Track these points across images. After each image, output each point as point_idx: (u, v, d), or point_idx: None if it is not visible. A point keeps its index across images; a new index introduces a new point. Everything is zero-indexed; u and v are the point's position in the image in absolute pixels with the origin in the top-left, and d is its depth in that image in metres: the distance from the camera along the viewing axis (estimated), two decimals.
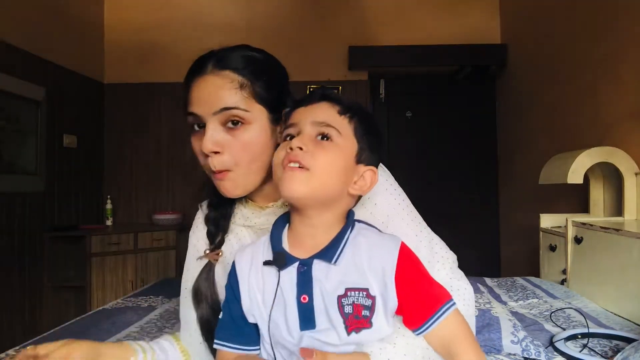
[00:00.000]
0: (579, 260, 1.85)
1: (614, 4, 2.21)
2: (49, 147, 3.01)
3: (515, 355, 1.17)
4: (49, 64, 3.04)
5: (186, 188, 3.69)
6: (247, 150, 0.79)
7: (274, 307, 0.69)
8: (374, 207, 0.85)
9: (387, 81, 3.86)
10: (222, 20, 3.70)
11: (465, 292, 0.85)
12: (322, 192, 0.68)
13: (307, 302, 0.68)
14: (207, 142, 0.77)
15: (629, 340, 1.22)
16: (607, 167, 2.01)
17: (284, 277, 0.69)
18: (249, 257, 0.74)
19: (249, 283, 0.72)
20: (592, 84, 2.39)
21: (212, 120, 0.78)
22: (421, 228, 0.88)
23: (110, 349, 0.84)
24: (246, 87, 0.79)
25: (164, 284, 2.15)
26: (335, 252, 0.69)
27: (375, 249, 0.70)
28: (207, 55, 0.82)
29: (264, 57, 0.86)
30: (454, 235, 0.97)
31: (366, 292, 0.67)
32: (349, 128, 0.72)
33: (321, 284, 0.68)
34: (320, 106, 0.73)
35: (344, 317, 0.67)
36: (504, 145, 3.73)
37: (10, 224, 2.69)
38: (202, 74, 0.80)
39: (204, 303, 0.88)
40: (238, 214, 0.92)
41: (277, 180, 0.69)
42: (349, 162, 0.71)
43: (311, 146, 0.68)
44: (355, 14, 3.75)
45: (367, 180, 0.73)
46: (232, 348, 0.73)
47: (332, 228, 0.71)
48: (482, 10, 3.73)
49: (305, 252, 0.70)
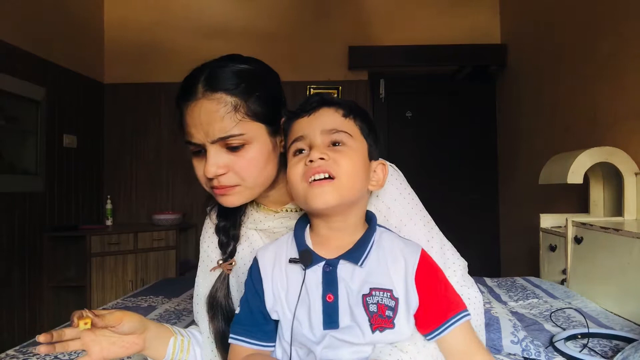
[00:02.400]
0: (579, 260, 1.85)
1: (614, 4, 2.21)
2: (49, 147, 3.01)
3: (515, 355, 1.17)
4: (49, 64, 3.04)
5: (186, 188, 3.70)
6: (252, 167, 0.79)
7: (299, 305, 0.69)
8: (388, 210, 0.86)
9: (387, 81, 3.86)
10: (222, 20, 3.70)
11: (476, 301, 0.86)
12: (350, 197, 0.70)
13: (332, 301, 0.68)
14: (210, 168, 0.77)
15: (629, 340, 1.22)
16: (607, 167, 2.01)
17: (310, 276, 0.70)
18: (272, 255, 0.74)
19: (272, 280, 0.72)
20: (592, 84, 2.38)
21: (212, 147, 0.78)
22: (433, 234, 0.88)
23: (154, 326, 0.84)
24: (240, 107, 0.76)
25: (164, 284, 2.15)
26: (361, 254, 0.70)
27: (398, 252, 0.71)
28: (196, 73, 0.79)
29: (255, 68, 0.82)
30: (454, 235, 0.97)
31: (390, 293, 0.68)
32: (357, 129, 0.73)
33: (346, 283, 0.69)
34: (324, 113, 0.73)
35: (369, 315, 0.67)
36: (504, 145, 3.73)
37: (10, 224, 2.69)
38: (194, 98, 0.77)
39: (219, 314, 0.88)
40: (249, 218, 0.92)
41: (302, 196, 0.69)
42: (365, 161, 0.73)
43: (331, 154, 0.69)
44: (355, 14, 3.75)
45: (380, 174, 0.76)
46: (248, 343, 0.73)
47: (356, 229, 0.73)
48: (482, 11, 3.73)
49: (330, 252, 0.71)
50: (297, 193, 0.71)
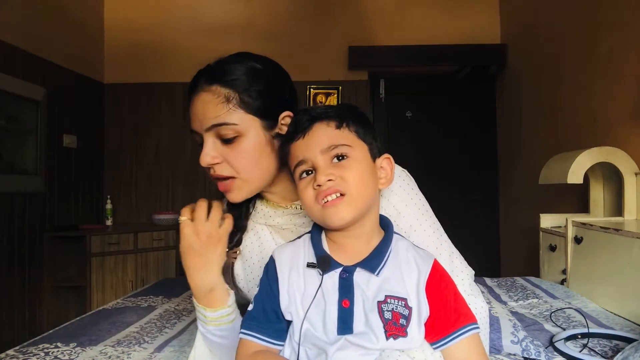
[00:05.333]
0: (579, 260, 1.85)
1: (614, 4, 2.21)
2: (49, 147, 3.01)
3: (515, 355, 1.17)
4: (49, 64, 3.04)
5: (186, 188, 3.70)
6: (245, 159, 0.82)
7: (312, 308, 0.70)
8: (398, 215, 0.86)
9: (387, 81, 3.86)
10: (222, 20, 3.70)
11: (482, 310, 0.86)
12: (364, 207, 0.71)
13: (348, 307, 0.69)
14: (204, 157, 0.82)
15: (629, 340, 1.22)
16: (607, 167, 2.01)
17: (326, 281, 0.70)
18: (289, 256, 0.75)
19: (289, 282, 0.73)
20: (592, 84, 2.38)
21: (208, 136, 0.82)
22: (442, 241, 0.89)
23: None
24: (233, 99, 0.80)
25: (164, 284, 2.15)
26: (378, 263, 0.70)
27: (412, 261, 0.72)
28: (203, 70, 0.85)
29: (258, 64, 0.85)
30: (454, 236, 0.97)
31: (405, 302, 0.69)
32: (353, 135, 0.73)
33: (362, 290, 0.69)
34: (318, 130, 0.72)
35: (384, 321, 0.68)
36: (504, 145, 3.73)
37: (10, 224, 2.69)
38: (196, 90, 0.83)
39: None
40: (259, 212, 0.93)
41: (318, 217, 0.71)
42: (369, 165, 0.73)
43: (336, 172, 0.69)
44: (355, 14, 3.75)
45: (388, 169, 0.76)
46: (259, 339, 0.73)
47: (372, 235, 0.74)
48: (482, 10, 3.73)
49: (347, 258, 0.71)
50: (314, 215, 0.72)
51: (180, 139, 3.69)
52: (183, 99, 0.92)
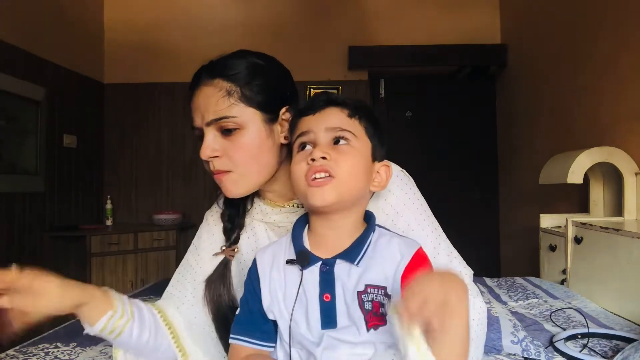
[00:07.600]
0: (579, 260, 1.85)
1: (614, 4, 2.21)
2: (49, 147, 3.01)
3: (515, 355, 1.17)
4: (49, 64, 3.04)
5: (186, 188, 3.70)
6: (244, 153, 0.82)
7: (296, 305, 0.70)
8: (396, 215, 0.86)
9: (387, 81, 3.86)
10: (222, 20, 3.70)
11: (480, 311, 0.86)
12: (349, 196, 0.70)
13: (329, 300, 0.69)
14: (205, 150, 0.82)
15: (629, 340, 1.22)
16: (607, 167, 2.01)
17: (307, 276, 0.70)
18: (271, 256, 0.75)
19: (270, 281, 0.73)
20: (592, 84, 2.38)
21: (209, 130, 0.82)
22: (440, 241, 0.89)
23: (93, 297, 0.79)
24: (234, 92, 0.81)
25: (164, 284, 2.14)
26: (358, 253, 0.70)
27: (396, 248, 0.71)
28: (205, 65, 0.85)
29: (259, 60, 0.86)
30: (453, 235, 0.97)
31: (384, 290, 0.68)
32: (361, 129, 0.74)
33: (343, 282, 0.69)
34: (329, 112, 0.74)
35: (364, 312, 0.68)
36: (504, 145, 3.73)
37: (10, 224, 2.69)
38: (198, 85, 0.84)
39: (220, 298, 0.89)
40: (257, 209, 0.93)
41: (302, 193, 0.71)
42: (367, 162, 0.73)
43: (333, 154, 0.69)
44: (355, 14, 3.75)
45: (384, 176, 0.76)
46: (248, 342, 0.73)
47: (354, 229, 0.73)
48: (482, 10, 3.73)
49: (327, 252, 0.71)
50: (299, 190, 0.72)
51: (181, 139, 3.70)
52: (183, 99, 0.91)
